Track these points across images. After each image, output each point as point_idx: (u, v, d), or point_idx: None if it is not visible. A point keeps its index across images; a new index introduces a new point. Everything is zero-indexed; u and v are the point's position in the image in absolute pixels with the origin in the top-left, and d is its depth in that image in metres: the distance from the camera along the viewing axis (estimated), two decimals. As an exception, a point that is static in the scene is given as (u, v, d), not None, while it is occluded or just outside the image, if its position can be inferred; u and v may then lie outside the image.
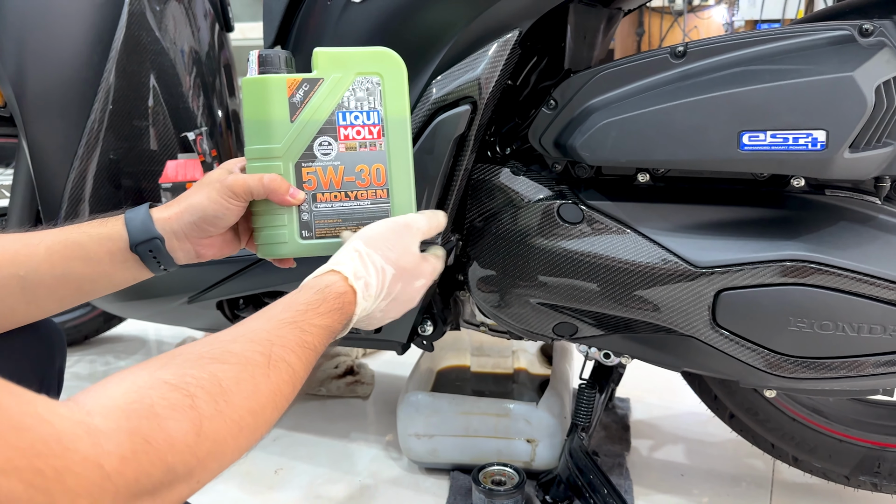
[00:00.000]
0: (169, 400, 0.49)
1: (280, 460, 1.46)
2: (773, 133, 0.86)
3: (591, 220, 1.01)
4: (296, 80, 0.81)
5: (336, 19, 1.06)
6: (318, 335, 0.65)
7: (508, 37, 0.97)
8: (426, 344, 1.24)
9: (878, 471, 1.18)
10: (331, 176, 0.83)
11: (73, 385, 1.77)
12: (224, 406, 0.52)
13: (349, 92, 0.82)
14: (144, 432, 0.46)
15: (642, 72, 0.95)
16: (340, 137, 0.82)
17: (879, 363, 0.93)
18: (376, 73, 0.82)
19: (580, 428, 1.21)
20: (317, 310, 0.67)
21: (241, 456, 0.56)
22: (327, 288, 0.70)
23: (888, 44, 0.87)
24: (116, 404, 0.47)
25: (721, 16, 3.88)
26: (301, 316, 0.65)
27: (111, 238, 0.78)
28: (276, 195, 0.80)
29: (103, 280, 0.80)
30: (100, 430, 0.44)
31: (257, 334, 0.61)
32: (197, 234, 0.81)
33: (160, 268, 0.81)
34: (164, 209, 0.81)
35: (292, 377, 0.61)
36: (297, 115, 0.81)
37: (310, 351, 0.64)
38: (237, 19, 1.67)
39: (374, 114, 0.83)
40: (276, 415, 0.59)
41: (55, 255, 0.76)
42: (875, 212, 0.93)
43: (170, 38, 1.39)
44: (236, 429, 0.53)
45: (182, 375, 0.52)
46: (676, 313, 0.98)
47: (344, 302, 0.70)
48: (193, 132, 1.32)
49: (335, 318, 0.68)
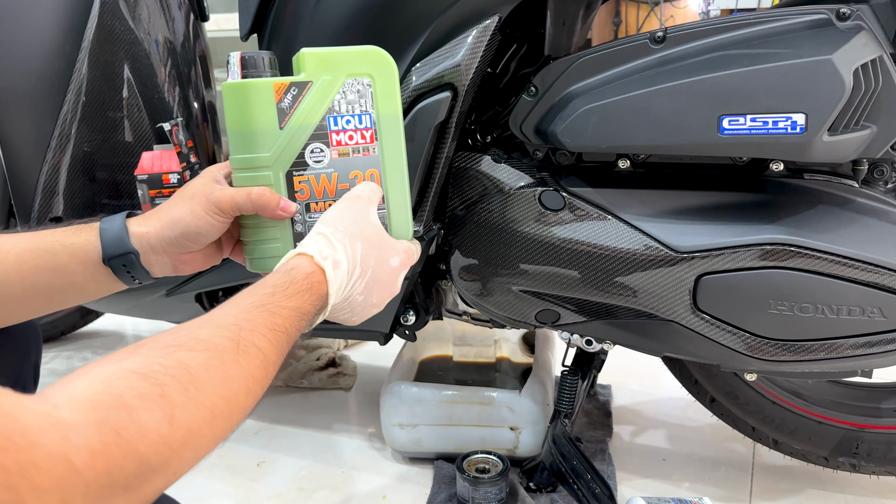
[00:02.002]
0: (138, 389, 0.48)
1: (262, 453, 1.45)
2: (752, 117, 0.87)
3: (573, 206, 1.01)
4: (283, 84, 0.76)
5: (313, 7, 1.05)
6: (289, 317, 0.63)
7: (488, 23, 0.97)
8: (408, 334, 1.23)
9: (856, 451, 1.19)
10: (324, 184, 0.79)
11: (50, 381, 1.73)
12: (195, 393, 0.51)
13: (339, 95, 0.77)
14: (114, 423, 0.45)
15: (622, 57, 0.95)
16: (333, 143, 0.78)
17: (858, 345, 0.94)
18: (367, 74, 0.78)
19: (563, 415, 1.22)
20: (285, 291, 0.65)
21: (217, 444, 0.54)
22: (293, 270, 0.68)
23: (865, 27, 0.88)
24: (84, 395, 0.46)
25: (697, 5, 3.90)
26: (269, 299, 0.63)
27: (84, 249, 0.75)
28: (266, 210, 0.76)
29: (74, 291, 0.77)
30: (67, 423, 0.43)
31: (224, 319, 0.59)
32: (177, 250, 0.77)
33: (134, 281, 0.78)
34: (142, 222, 0.77)
35: (264, 361, 0.59)
36: (286, 121, 0.76)
37: (280, 334, 0.62)
38: (212, 10, 1.65)
39: (367, 117, 0.79)
40: (251, 400, 0.57)
41: (25, 265, 0.73)
42: (853, 195, 0.94)
43: (143, 27, 1.36)
44: (210, 416, 0.52)
45: (149, 364, 0.50)
46: (658, 298, 0.99)
47: (312, 282, 0.68)
48: (169, 123, 1.30)
49: (305, 299, 0.66)
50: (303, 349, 1.79)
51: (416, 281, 1.17)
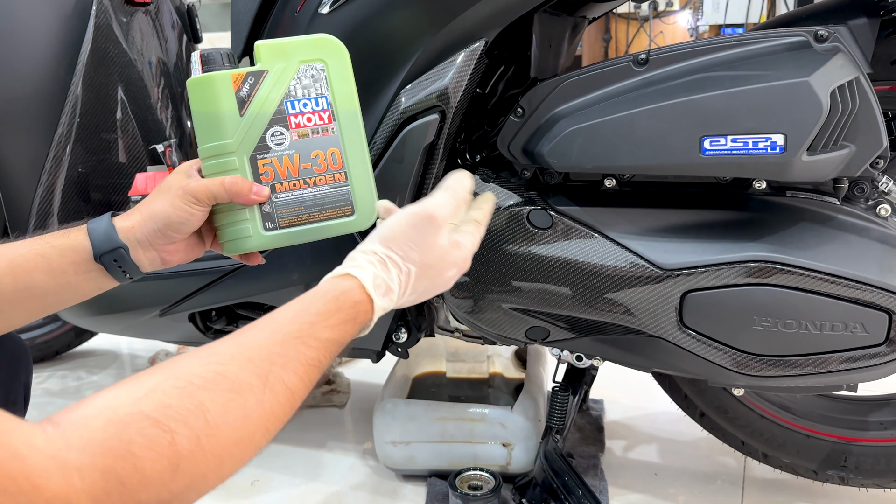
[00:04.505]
0: (148, 437, 0.48)
1: (256, 471, 1.45)
2: (733, 138, 0.88)
3: (560, 225, 1.03)
4: (240, 75, 0.81)
5: (304, 30, 1.07)
6: (325, 349, 0.62)
7: (475, 46, 0.98)
8: (401, 351, 1.24)
9: (844, 464, 1.21)
10: (287, 165, 0.83)
11: (45, 402, 1.75)
12: (206, 441, 0.51)
13: (295, 80, 0.83)
14: (119, 472, 0.46)
15: (606, 80, 0.97)
16: (292, 126, 0.83)
17: (842, 359, 0.96)
18: (319, 60, 0.84)
19: (554, 430, 1.23)
20: (327, 322, 0.63)
21: (224, 481, 0.54)
22: (343, 295, 0.66)
23: (842, 49, 0.89)
24: (94, 438, 0.46)
25: (686, 20, 3.95)
26: (308, 329, 0.62)
27: (74, 249, 0.78)
28: (240, 197, 0.79)
29: (68, 291, 0.79)
30: (73, 466, 0.44)
31: (257, 353, 0.58)
32: (161, 241, 0.80)
33: (125, 276, 0.80)
34: (125, 218, 0.80)
35: (290, 399, 0.58)
36: (245, 108, 0.81)
37: (313, 368, 0.61)
38: (206, 29, 1.67)
39: (322, 99, 0.84)
40: (268, 438, 0.57)
41: (18, 269, 0.75)
42: (834, 212, 0.96)
43: (137, 49, 1.38)
44: (218, 462, 0.52)
45: (166, 407, 0.50)
46: (644, 315, 1.00)
47: (359, 311, 0.67)
48: (162, 144, 1.31)
49: (346, 330, 0.65)
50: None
51: (407, 299, 1.18)
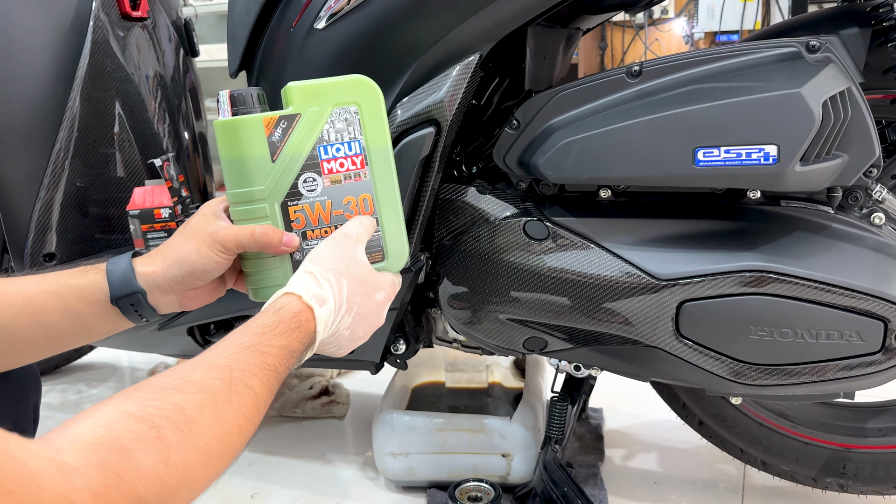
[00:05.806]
0: (136, 432, 0.50)
1: (256, 484, 1.45)
2: (726, 149, 0.89)
3: (556, 235, 1.03)
4: (272, 119, 0.78)
5: (300, 45, 1.08)
6: (279, 356, 0.65)
7: (470, 59, 0.99)
8: (399, 362, 1.25)
9: (843, 471, 1.21)
10: (319, 212, 0.81)
11: (45, 415, 1.72)
12: (190, 434, 0.53)
13: (328, 125, 0.80)
14: (114, 466, 0.47)
15: (600, 92, 0.98)
16: (325, 172, 0.80)
17: (838, 368, 0.96)
18: (353, 103, 0.80)
19: (553, 440, 1.23)
20: (274, 331, 0.67)
21: (211, 483, 0.56)
22: (282, 309, 0.70)
23: (834, 59, 0.90)
24: (85, 440, 0.48)
25: (681, 28, 3.96)
26: (258, 339, 0.65)
27: (91, 290, 0.77)
28: (270, 248, 0.78)
29: (83, 332, 0.79)
30: (70, 466, 0.45)
31: (216, 361, 0.61)
32: (183, 287, 0.79)
33: (141, 319, 0.80)
34: (147, 261, 0.79)
35: (255, 401, 0.61)
36: (277, 154, 0.78)
37: (271, 373, 0.64)
38: (203, 41, 1.67)
39: (356, 143, 0.81)
40: (243, 439, 0.60)
41: (33, 307, 0.75)
42: (828, 221, 0.97)
43: (134, 64, 1.39)
44: (204, 455, 0.54)
45: (146, 407, 0.52)
46: (641, 325, 1.00)
47: (301, 320, 0.70)
48: (160, 158, 1.32)
49: (294, 337, 0.68)
50: (296, 378, 1.80)
51: (406, 310, 1.19)
